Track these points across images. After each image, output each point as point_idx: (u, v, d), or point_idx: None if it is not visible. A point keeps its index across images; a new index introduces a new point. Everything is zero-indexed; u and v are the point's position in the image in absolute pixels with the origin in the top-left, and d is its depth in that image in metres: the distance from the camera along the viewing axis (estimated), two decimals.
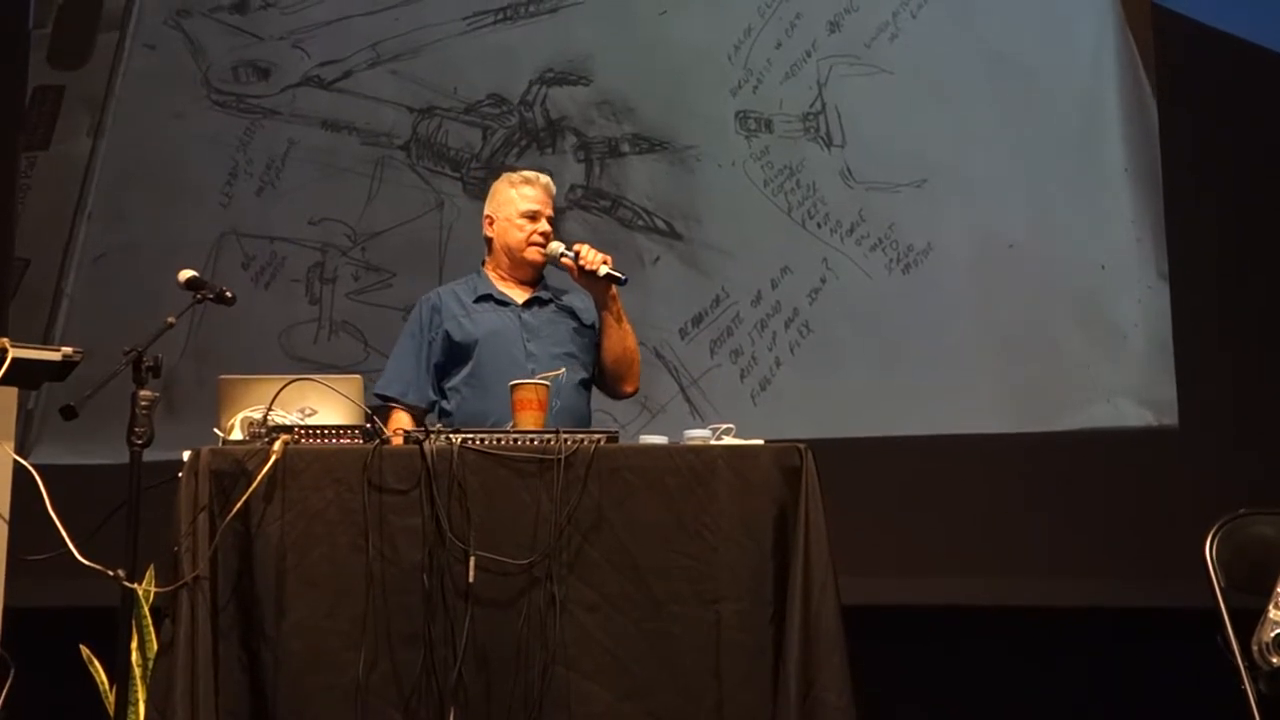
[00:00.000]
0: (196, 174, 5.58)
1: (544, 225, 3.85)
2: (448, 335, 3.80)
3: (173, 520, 3.01)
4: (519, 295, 3.88)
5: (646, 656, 3.02)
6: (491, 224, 3.92)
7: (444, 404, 3.80)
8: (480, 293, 3.87)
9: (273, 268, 5.48)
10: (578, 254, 3.74)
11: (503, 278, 3.91)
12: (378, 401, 3.76)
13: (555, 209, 3.96)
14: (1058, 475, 4.84)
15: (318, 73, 5.58)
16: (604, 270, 3.72)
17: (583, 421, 3.76)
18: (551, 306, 3.88)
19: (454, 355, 3.80)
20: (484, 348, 3.77)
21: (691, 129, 5.35)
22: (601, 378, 3.90)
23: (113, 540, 3.02)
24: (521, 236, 3.85)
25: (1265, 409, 4.77)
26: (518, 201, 3.87)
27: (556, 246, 3.81)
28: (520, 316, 3.83)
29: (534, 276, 3.90)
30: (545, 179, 3.93)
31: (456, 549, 3.01)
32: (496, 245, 3.91)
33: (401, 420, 3.76)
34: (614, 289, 3.78)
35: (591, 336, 3.87)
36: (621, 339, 3.84)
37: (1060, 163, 5.09)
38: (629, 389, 3.93)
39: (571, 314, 3.88)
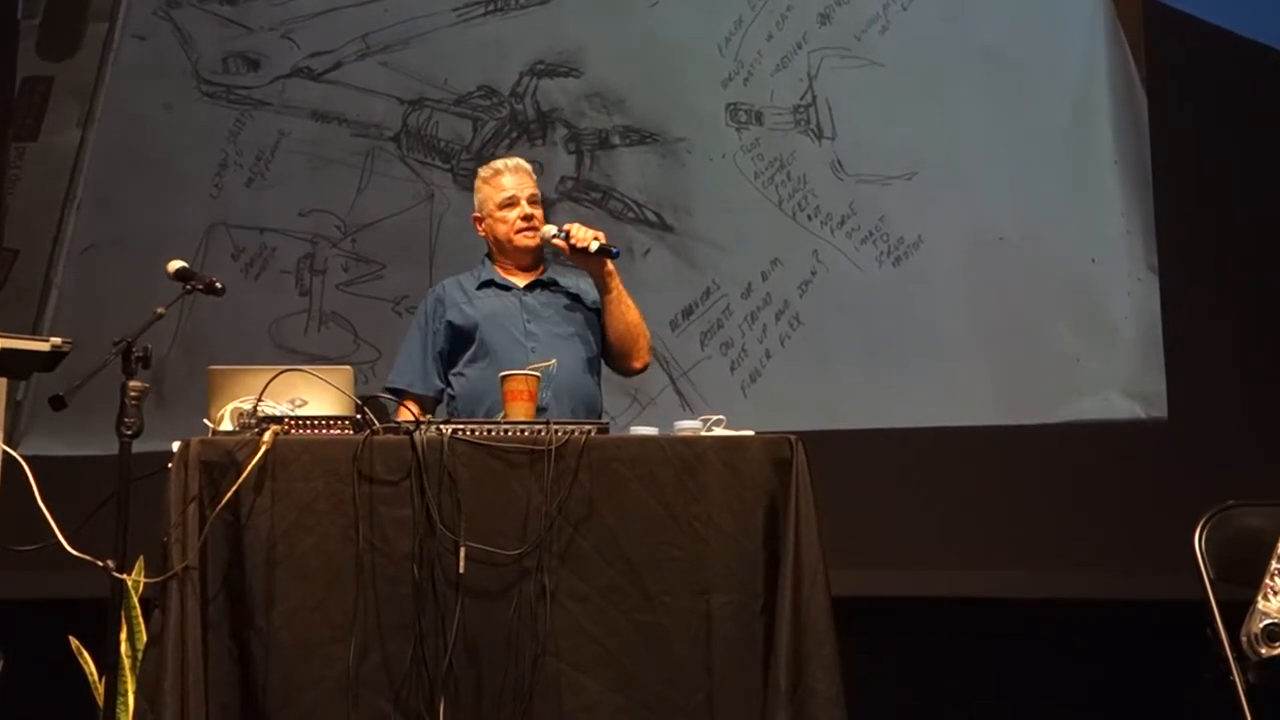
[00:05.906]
0: (186, 165, 5.57)
1: (524, 209, 3.86)
2: (450, 323, 3.83)
3: (162, 511, 3.00)
4: (521, 280, 3.90)
5: (637, 648, 3.03)
6: (481, 223, 3.94)
7: (449, 390, 3.82)
8: (483, 279, 3.91)
9: (262, 259, 5.47)
10: (568, 234, 3.76)
11: (505, 267, 3.93)
12: (385, 394, 3.75)
13: (545, 200, 3.97)
14: (1047, 468, 4.84)
15: (307, 64, 5.57)
16: (595, 245, 3.73)
17: (589, 401, 3.77)
18: (554, 289, 3.90)
19: (458, 341, 3.82)
20: (484, 329, 3.79)
21: (682, 121, 5.34)
22: (609, 356, 3.90)
23: (102, 531, 3.02)
24: (506, 228, 3.87)
25: (1254, 401, 4.77)
26: (493, 195, 3.89)
27: (549, 229, 3.83)
28: (521, 299, 3.86)
29: (534, 262, 3.92)
30: (514, 161, 3.94)
31: (447, 540, 3.02)
32: (490, 242, 3.94)
33: (412, 412, 3.76)
34: (610, 264, 3.79)
35: (595, 318, 3.88)
36: (622, 314, 3.84)
37: (1050, 155, 5.09)
38: (637, 364, 3.93)
39: (574, 296, 3.89)
